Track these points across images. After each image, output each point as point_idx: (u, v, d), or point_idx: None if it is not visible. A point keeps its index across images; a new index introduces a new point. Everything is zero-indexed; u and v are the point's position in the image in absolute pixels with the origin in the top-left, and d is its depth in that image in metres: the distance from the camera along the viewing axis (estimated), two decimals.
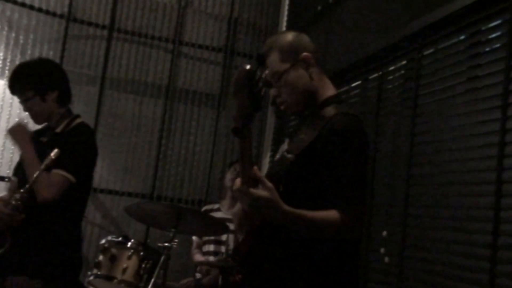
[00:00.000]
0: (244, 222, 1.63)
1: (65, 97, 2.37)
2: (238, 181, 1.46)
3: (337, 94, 1.72)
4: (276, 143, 4.38)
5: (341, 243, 1.53)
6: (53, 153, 2.11)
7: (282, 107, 1.70)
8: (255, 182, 1.42)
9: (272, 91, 1.69)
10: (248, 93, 1.33)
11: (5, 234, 2.14)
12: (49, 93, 2.30)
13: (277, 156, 1.70)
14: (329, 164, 1.51)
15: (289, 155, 1.56)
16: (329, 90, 1.70)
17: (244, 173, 1.42)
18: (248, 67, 1.33)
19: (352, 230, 1.51)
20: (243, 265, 1.63)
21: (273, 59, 1.66)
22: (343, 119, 1.56)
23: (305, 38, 1.72)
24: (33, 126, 2.45)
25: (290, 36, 1.70)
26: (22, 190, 2.12)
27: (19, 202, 2.11)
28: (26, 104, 2.34)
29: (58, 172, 2.17)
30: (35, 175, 2.11)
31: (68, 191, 2.19)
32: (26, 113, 2.40)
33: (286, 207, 1.44)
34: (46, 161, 2.11)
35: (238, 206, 1.72)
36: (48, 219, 2.21)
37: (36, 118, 2.37)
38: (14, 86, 2.35)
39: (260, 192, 1.41)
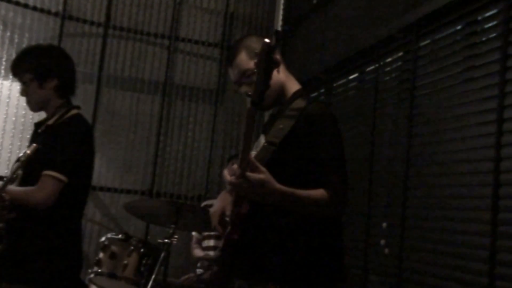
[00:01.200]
0: (224, 217, 1.69)
1: (65, 88, 2.26)
2: (234, 166, 1.54)
3: (301, 88, 1.84)
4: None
5: (325, 223, 1.67)
6: (31, 149, 2.02)
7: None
8: (251, 168, 1.50)
9: (243, 88, 1.79)
10: (265, 68, 1.43)
11: (0, 232, 2.11)
12: (48, 80, 2.21)
13: (257, 150, 1.76)
14: (311, 148, 1.64)
15: (271, 146, 1.67)
16: (295, 85, 1.84)
17: (243, 159, 1.49)
18: (270, 41, 1.42)
19: (338, 206, 1.64)
20: (235, 254, 1.67)
21: (242, 59, 1.78)
22: (317, 107, 1.72)
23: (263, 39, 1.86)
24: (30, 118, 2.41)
25: (254, 37, 1.86)
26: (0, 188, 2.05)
27: (5, 202, 2.04)
28: (24, 88, 2.25)
29: (47, 173, 2.07)
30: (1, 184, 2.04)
31: (63, 190, 2.10)
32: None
33: (280, 186, 1.54)
34: (23, 157, 2.04)
35: (215, 205, 1.75)
36: (45, 219, 2.15)
37: (31, 105, 2.28)
38: (15, 67, 2.27)
39: (257, 175, 1.49)
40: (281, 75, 1.79)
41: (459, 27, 2.47)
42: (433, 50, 2.61)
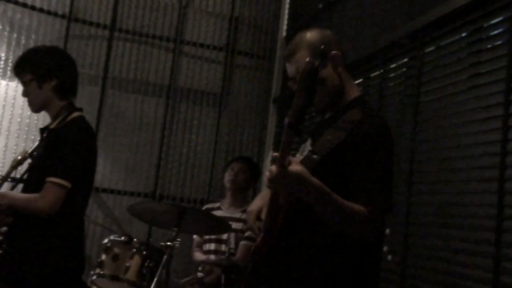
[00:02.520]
0: (266, 221, 1.59)
1: (65, 89, 2.26)
2: (273, 167, 1.43)
3: (361, 96, 1.71)
4: (278, 142, 4.38)
5: (362, 246, 1.52)
6: (21, 154, 2.05)
7: None
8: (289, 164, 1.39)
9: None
10: (308, 88, 1.32)
11: None
12: (47, 80, 2.21)
13: (300, 156, 1.67)
14: (359, 165, 1.51)
15: (315, 156, 1.54)
16: (355, 91, 1.69)
17: (280, 163, 1.39)
18: (315, 62, 1.32)
19: (371, 230, 1.50)
20: (262, 265, 1.61)
21: (302, 56, 1.62)
22: (374, 122, 1.56)
23: (333, 36, 1.71)
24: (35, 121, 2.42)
25: (319, 34, 1.68)
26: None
27: (2, 206, 2.04)
28: (24, 88, 2.26)
29: (51, 179, 2.07)
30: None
31: (68, 195, 2.11)
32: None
33: (318, 181, 1.42)
34: (13, 163, 2.04)
35: (253, 204, 1.68)
36: (48, 221, 2.15)
37: (31, 105, 2.29)
38: (16, 68, 2.29)
39: (293, 166, 1.38)
40: (340, 79, 1.65)
41: (464, 34, 2.46)
42: (439, 56, 2.61)
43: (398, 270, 2.61)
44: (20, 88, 3.93)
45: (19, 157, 2.08)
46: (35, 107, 2.30)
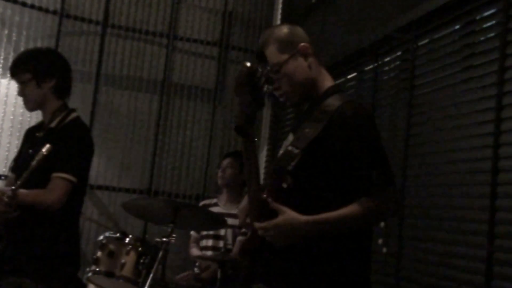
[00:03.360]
0: (251, 217, 1.61)
1: (62, 89, 2.31)
2: (243, 203, 1.46)
3: (337, 85, 1.72)
4: (273, 137, 4.38)
5: (351, 235, 1.53)
6: (45, 148, 2.04)
7: (282, 99, 1.69)
8: (266, 207, 1.42)
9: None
10: (250, 91, 1.32)
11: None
12: (46, 80, 2.26)
13: (281, 151, 1.68)
14: (343, 155, 1.51)
15: (295, 150, 1.55)
16: (328, 80, 1.71)
17: (250, 192, 1.41)
18: (249, 64, 1.33)
19: (386, 211, 1.53)
20: (253, 261, 1.62)
21: (271, 51, 1.64)
22: (351, 106, 1.57)
23: (300, 30, 1.73)
24: (27, 121, 2.42)
25: (285, 28, 1.71)
26: (13, 188, 2.08)
27: (11, 199, 2.06)
28: (22, 87, 2.29)
29: (59, 175, 2.13)
30: (19, 182, 2.05)
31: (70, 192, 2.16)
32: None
33: (306, 218, 1.44)
34: (38, 157, 2.06)
35: (244, 201, 1.70)
36: (45, 218, 2.18)
37: (28, 104, 2.32)
38: (13, 67, 2.32)
39: (277, 220, 1.42)
40: (312, 71, 1.66)
41: (457, 27, 2.47)
42: (432, 49, 2.61)
43: (393, 262, 2.62)
44: (13, 85, 3.95)
45: (45, 152, 2.07)
46: (32, 106, 2.33)
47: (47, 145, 2.06)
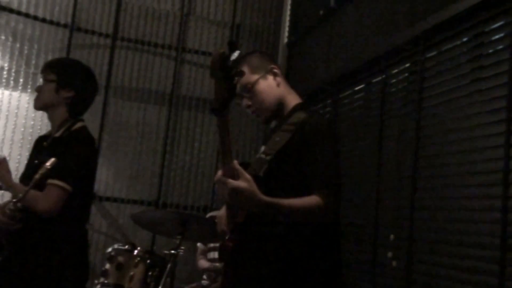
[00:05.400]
0: (229, 222, 1.73)
1: (77, 105, 2.31)
2: (219, 172, 1.56)
3: (302, 102, 1.88)
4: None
5: (319, 236, 1.68)
6: (49, 162, 2.04)
7: (254, 115, 1.89)
8: (235, 174, 1.52)
9: (244, 102, 1.87)
10: (224, 77, 1.40)
11: (1, 242, 2.12)
12: (66, 89, 2.27)
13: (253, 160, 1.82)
14: (307, 157, 1.67)
15: (266, 157, 1.73)
16: (295, 99, 1.88)
17: (225, 164, 1.52)
18: (221, 50, 1.41)
19: (329, 213, 1.64)
20: (229, 262, 1.73)
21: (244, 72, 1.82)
22: (314, 118, 1.75)
23: (269, 56, 1.96)
24: (37, 130, 2.43)
25: (258, 53, 1.94)
26: (14, 200, 2.06)
27: (14, 212, 2.05)
28: (43, 84, 2.32)
29: (53, 182, 2.12)
30: (21, 194, 2.04)
31: (68, 201, 2.14)
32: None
33: (263, 197, 1.54)
34: (41, 170, 2.07)
35: (222, 209, 1.79)
36: (49, 229, 2.17)
37: (37, 101, 2.33)
38: (48, 64, 2.37)
39: (239, 182, 1.50)
40: (280, 89, 1.84)
41: (465, 39, 2.47)
42: (440, 61, 2.61)
43: (403, 276, 2.60)
44: (24, 97, 4.00)
45: (49, 166, 2.09)
46: (40, 105, 2.35)
47: (52, 159, 2.05)
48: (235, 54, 1.41)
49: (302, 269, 1.65)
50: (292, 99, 1.87)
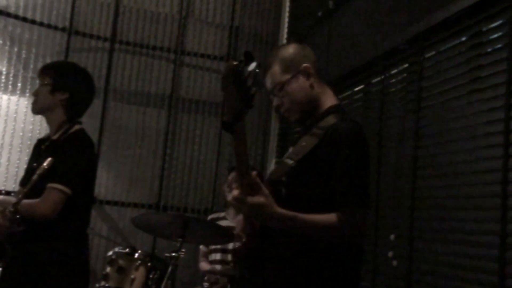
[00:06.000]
0: (246, 227, 1.67)
1: (73, 106, 2.32)
2: (235, 192, 1.49)
3: (338, 104, 1.76)
4: (281, 149, 4.38)
5: (342, 247, 1.57)
6: (46, 162, 2.06)
7: (285, 115, 1.78)
8: (252, 188, 1.46)
9: (275, 101, 1.75)
10: (237, 89, 1.33)
11: (4, 246, 2.13)
12: (61, 91, 2.29)
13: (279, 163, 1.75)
14: (332, 168, 1.56)
15: (290, 161, 1.63)
16: (331, 99, 1.75)
17: (241, 179, 1.47)
18: (235, 62, 1.34)
19: (353, 233, 1.54)
20: (244, 267, 1.68)
21: (275, 71, 1.73)
22: (343, 125, 1.61)
23: (306, 50, 1.80)
24: (37, 133, 2.43)
25: (291, 48, 1.77)
26: (14, 202, 2.08)
27: (14, 214, 2.06)
28: (38, 88, 2.34)
29: (52, 185, 2.13)
30: (20, 196, 2.07)
31: (68, 204, 2.15)
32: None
33: (281, 211, 1.48)
34: (39, 171, 2.07)
35: (241, 215, 1.74)
36: (52, 234, 2.18)
37: (34, 105, 2.35)
38: (43, 68, 2.39)
39: (255, 198, 1.45)
40: (313, 90, 1.72)
41: (464, 38, 2.47)
42: (439, 61, 2.61)
43: (404, 276, 2.60)
44: (22, 102, 4.00)
45: (46, 166, 2.10)
46: (37, 109, 2.37)
47: (49, 159, 2.07)
48: (252, 65, 1.33)
49: (318, 277, 1.57)
50: (327, 100, 1.74)
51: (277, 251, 1.62)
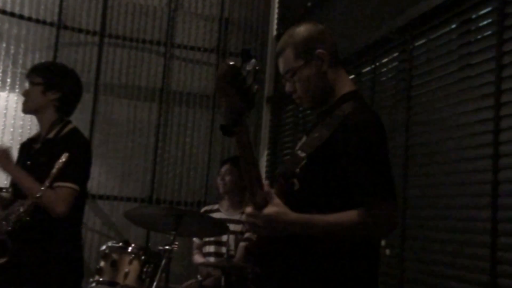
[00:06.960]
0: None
1: (64, 105, 2.37)
2: (248, 209, 1.44)
3: (354, 90, 1.65)
4: (272, 142, 4.38)
5: (359, 244, 1.50)
6: (64, 156, 2.13)
7: (297, 101, 1.68)
8: (264, 200, 1.40)
9: (287, 86, 1.65)
10: (236, 90, 1.26)
11: (6, 243, 2.14)
12: (52, 90, 2.32)
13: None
14: (348, 162, 1.47)
15: (302, 154, 1.54)
16: (346, 86, 1.65)
17: (250, 190, 1.39)
18: (231, 62, 1.26)
19: (380, 228, 1.45)
20: (257, 264, 1.62)
21: (288, 56, 1.63)
22: (357, 115, 1.51)
23: (322, 32, 1.67)
24: (26, 133, 2.43)
25: (306, 31, 1.66)
26: (29, 203, 2.13)
27: (25, 216, 2.12)
28: (29, 88, 2.37)
29: (65, 184, 2.19)
30: (38, 194, 2.12)
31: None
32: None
33: (296, 216, 1.42)
34: (58, 165, 2.13)
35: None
36: (48, 229, 2.22)
37: (26, 105, 2.38)
38: (33, 69, 2.42)
39: (269, 210, 1.40)
40: (327, 77, 1.61)
41: (453, 26, 2.47)
42: (429, 49, 2.62)
43: (397, 264, 2.61)
44: (12, 97, 3.96)
45: (64, 160, 2.15)
46: (28, 108, 2.40)
47: (66, 154, 2.14)
48: (252, 63, 1.26)
49: (333, 273, 1.50)
50: (342, 87, 1.62)
51: (291, 249, 1.53)
